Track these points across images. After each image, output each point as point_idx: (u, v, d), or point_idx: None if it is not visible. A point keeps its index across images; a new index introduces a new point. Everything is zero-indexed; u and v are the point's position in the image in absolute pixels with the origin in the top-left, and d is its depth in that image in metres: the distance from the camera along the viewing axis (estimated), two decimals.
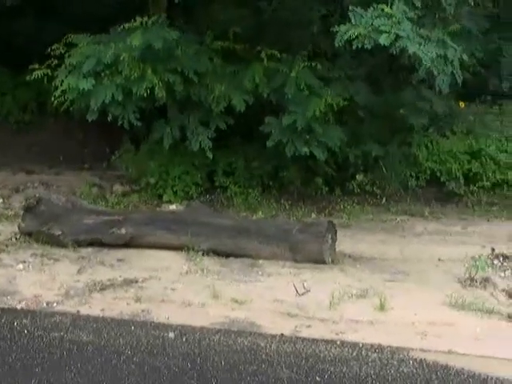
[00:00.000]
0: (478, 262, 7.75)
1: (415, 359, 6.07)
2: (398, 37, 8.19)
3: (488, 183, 11.36)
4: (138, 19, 9.83)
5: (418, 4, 8.42)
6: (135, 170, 11.47)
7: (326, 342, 6.35)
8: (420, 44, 8.26)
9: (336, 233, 8.55)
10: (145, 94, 9.73)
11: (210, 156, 10.47)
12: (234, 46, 10.50)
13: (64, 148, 13.28)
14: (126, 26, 9.83)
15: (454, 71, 8.63)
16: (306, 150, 9.99)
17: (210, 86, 10.22)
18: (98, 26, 10.48)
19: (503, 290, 7.54)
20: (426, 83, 11.31)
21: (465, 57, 8.74)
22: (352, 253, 8.70)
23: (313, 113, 9.76)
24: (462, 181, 11.35)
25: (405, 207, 10.93)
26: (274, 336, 6.46)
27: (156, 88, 9.74)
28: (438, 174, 11.46)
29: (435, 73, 8.49)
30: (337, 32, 8.37)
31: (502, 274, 7.92)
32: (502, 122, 12.69)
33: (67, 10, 13.23)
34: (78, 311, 6.99)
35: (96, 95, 9.77)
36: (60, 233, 8.74)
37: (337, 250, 8.54)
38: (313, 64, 10.06)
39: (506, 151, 11.57)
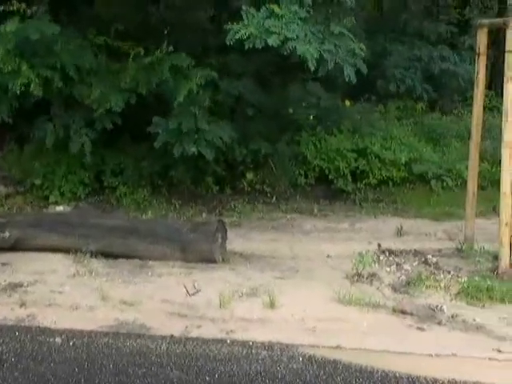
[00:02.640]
0: (364, 258, 7.91)
1: (304, 355, 6.13)
2: (286, 38, 8.27)
3: (374, 180, 11.64)
4: (16, 4, 9.40)
5: (309, 1, 8.51)
6: (19, 170, 11.13)
7: (217, 341, 6.34)
8: (310, 43, 8.36)
9: (226, 232, 8.55)
10: (18, 91, 9.31)
11: (89, 159, 10.25)
12: (117, 44, 10.31)
13: None
14: (1, 8, 9.36)
15: (358, 62, 8.78)
16: (194, 149, 9.95)
17: (92, 85, 9.97)
18: None
19: (389, 285, 7.72)
20: (317, 82, 11.51)
21: (363, 47, 8.88)
22: (243, 251, 8.73)
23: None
24: (349, 178, 11.58)
25: (294, 205, 11.07)
26: (163, 337, 6.39)
27: (32, 84, 9.37)
28: (327, 171, 11.65)
29: (341, 64, 8.57)
30: (229, 31, 8.37)
31: (388, 269, 8.11)
32: (387, 120, 13.02)
33: None
34: None
35: None
36: None
37: (227, 248, 8.55)
38: (196, 61, 10.00)
39: (391, 149, 11.87)
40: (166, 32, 10.42)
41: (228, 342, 6.35)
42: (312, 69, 8.38)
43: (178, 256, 8.28)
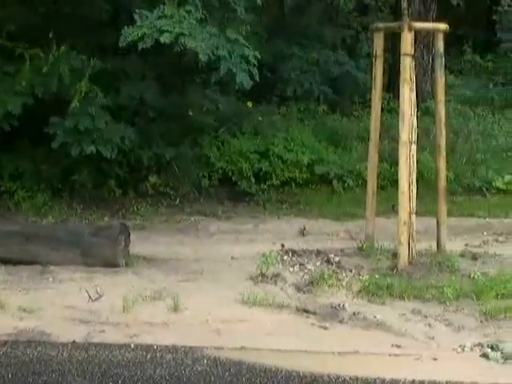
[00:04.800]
0: (268, 259, 7.96)
1: (209, 357, 6.14)
2: (179, 35, 8.24)
3: (277, 181, 11.73)
4: None
5: (200, 5, 8.52)
6: None
7: (120, 346, 6.27)
8: (203, 39, 8.36)
9: (130, 235, 8.46)
10: None
11: None
12: (11, 46, 10.03)
13: None
14: None
15: (251, 69, 8.83)
16: (92, 148, 9.80)
17: None
18: None
19: (292, 284, 7.80)
20: (218, 85, 11.51)
21: (257, 55, 8.95)
22: (146, 255, 8.65)
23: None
24: (252, 180, 11.64)
25: (198, 207, 11.05)
26: (65, 344, 6.27)
27: None
28: (230, 173, 11.67)
29: (234, 70, 8.62)
30: (122, 33, 8.30)
31: (292, 269, 8.19)
32: (289, 122, 13.16)
33: None
34: None
35: None
36: None
37: (131, 252, 8.45)
38: (93, 62, 9.84)
39: (293, 151, 11.99)
40: (61, 32, 10.18)
41: (132, 346, 6.29)
42: (203, 61, 8.35)
43: (79, 261, 8.13)
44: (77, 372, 5.78)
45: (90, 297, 7.21)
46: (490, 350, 6.35)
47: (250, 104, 12.68)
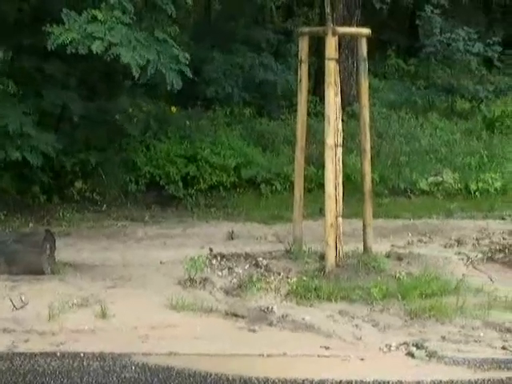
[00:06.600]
0: (196, 263, 7.93)
1: (137, 364, 6.09)
2: (111, 44, 8.16)
3: (205, 186, 11.72)
4: None
5: (131, 9, 8.45)
6: None
7: (46, 354, 6.16)
8: (135, 49, 8.29)
9: (55, 242, 8.32)
10: None
11: None
12: None
13: None
14: None
15: (183, 68, 8.77)
16: (17, 155, 9.60)
17: None
18: None
19: (221, 288, 7.80)
20: (143, 88, 11.43)
21: (187, 55, 8.89)
22: (73, 261, 8.53)
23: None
24: (180, 184, 11.60)
25: (125, 213, 10.95)
26: None
27: None
28: (158, 178, 11.62)
29: (163, 71, 8.54)
30: (48, 34, 8.15)
31: (220, 273, 8.18)
32: (216, 126, 13.16)
33: None
34: None
35: None
36: None
37: (57, 259, 8.31)
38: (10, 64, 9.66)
39: (220, 154, 12.00)
40: None
41: (58, 354, 6.19)
42: (136, 76, 8.31)
43: (3, 269, 7.95)
44: (1, 383, 5.64)
45: (14, 305, 7.06)
46: (415, 349, 6.48)
47: (173, 109, 12.62)
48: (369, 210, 8.66)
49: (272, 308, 7.26)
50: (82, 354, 6.19)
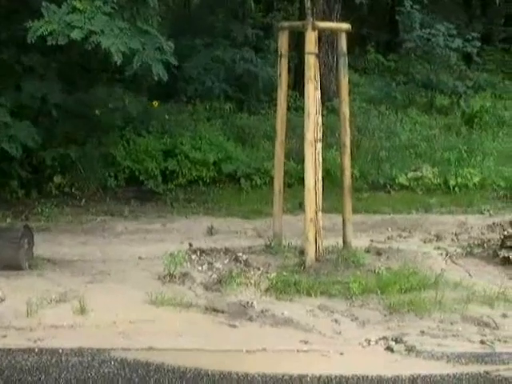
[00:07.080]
0: (176, 258, 7.91)
1: (116, 359, 6.05)
2: (91, 32, 8.09)
3: (185, 180, 11.70)
4: None
5: None
6: None
7: (23, 350, 6.11)
8: (117, 37, 8.21)
9: (33, 237, 8.26)
10: None
11: None
12: None
13: None
14: None
15: (169, 58, 8.71)
16: None
17: None
18: None
19: (201, 283, 7.78)
20: (123, 83, 11.37)
21: (171, 44, 8.82)
22: (51, 256, 8.47)
23: None
24: (159, 179, 11.57)
25: (105, 207, 10.90)
26: None
27: None
28: (137, 173, 11.58)
29: (150, 62, 8.47)
30: (29, 28, 8.08)
31: (200, 268, 8.16)
32: (196, 121, 13.13)
33: None
34: None
35: None
36: None
37: (35, 254, 8.25)
38: None
39: (200, 149, 11.98)
40: None
41: (36, 350, 6.14)
42: (118, 63, 8.22)
43: None
44: None
45: None
46: (394, 343, 6.50)
47: (155, 103, 12.57)
48: (348, 204, 8.67)
49: (252, 303, 7.25)
50: (60, 350, 6.15)
